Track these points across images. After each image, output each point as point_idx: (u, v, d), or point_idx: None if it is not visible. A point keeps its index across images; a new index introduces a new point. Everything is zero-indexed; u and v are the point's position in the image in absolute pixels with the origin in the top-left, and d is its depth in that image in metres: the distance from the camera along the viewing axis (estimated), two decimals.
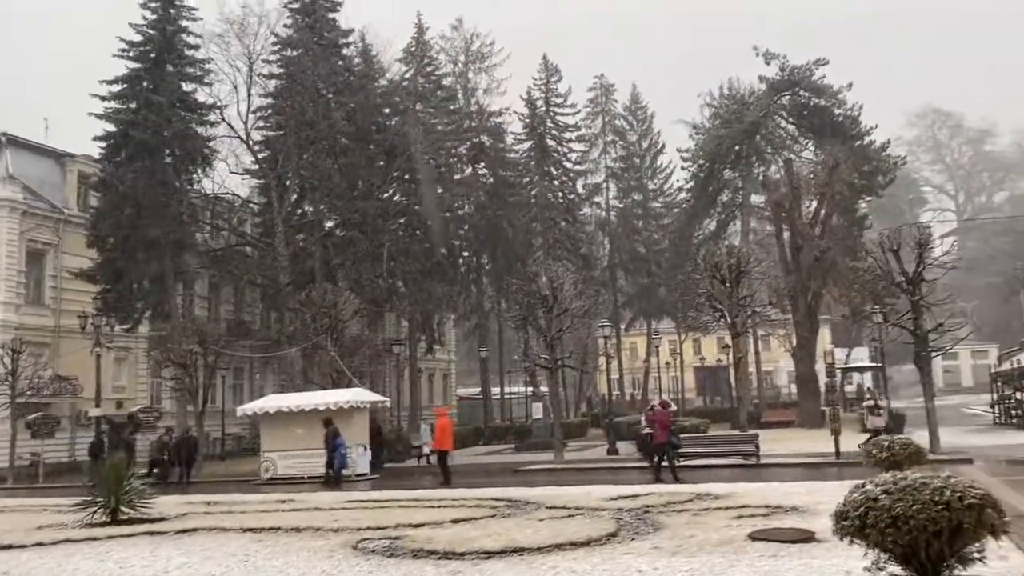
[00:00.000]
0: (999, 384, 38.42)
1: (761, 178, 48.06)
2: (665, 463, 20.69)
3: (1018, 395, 34.58)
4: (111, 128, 37.78)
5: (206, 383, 33.19)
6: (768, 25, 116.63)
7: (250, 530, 12.63)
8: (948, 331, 25.87)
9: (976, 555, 6.39)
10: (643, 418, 25.52)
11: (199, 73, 39.88)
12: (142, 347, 40.77)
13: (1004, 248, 77.86)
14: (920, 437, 20.06)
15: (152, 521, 14.18)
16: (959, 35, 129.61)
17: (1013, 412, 34.73)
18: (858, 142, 44.90)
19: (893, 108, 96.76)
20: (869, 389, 21.48)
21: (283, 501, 17.71)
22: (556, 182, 57.08)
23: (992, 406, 39.24)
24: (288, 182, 41.22)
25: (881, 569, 6.65)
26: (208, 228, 42.38)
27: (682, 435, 25.15)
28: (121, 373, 40.15)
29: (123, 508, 14.44)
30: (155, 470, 28.35)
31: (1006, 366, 38.28)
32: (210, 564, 10.10)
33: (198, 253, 40.14)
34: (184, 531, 12.92)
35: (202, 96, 39.99)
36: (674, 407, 22.20)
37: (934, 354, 25.24)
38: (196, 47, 39.70)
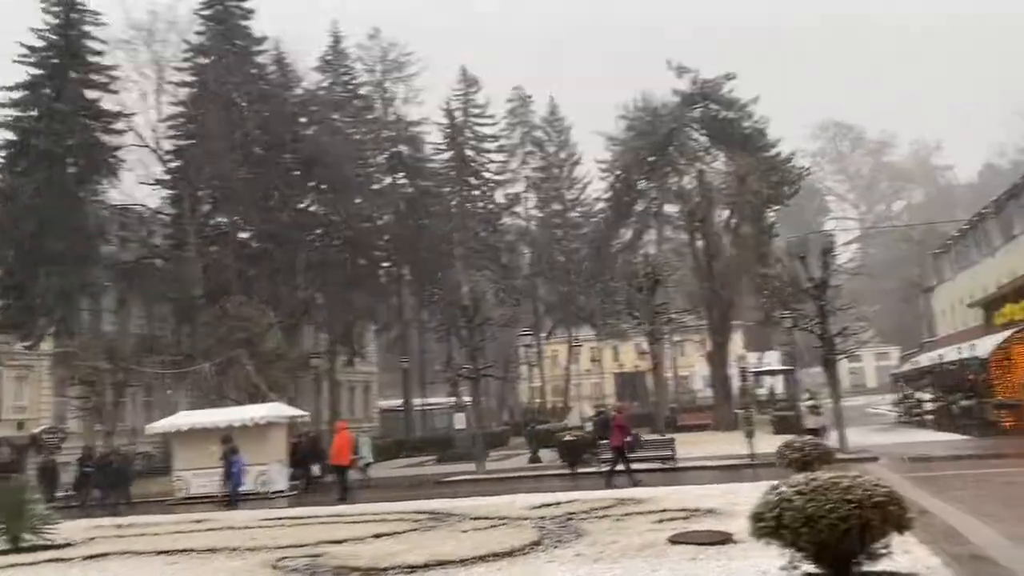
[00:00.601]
0: (901, 384, 40.20)
1: (675, 188, 49.19)
2: (620, 467, 20.66)
3: (918, 395, 36.25)
4: (11, 136, 36.18)
5: (115, 401, 31.99)
6: (681, 40, 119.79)
7: (164, 553, 12.21)
8: (853, 335, 27.00)
9: (883, 550, 6.68)
10: (590, 424, 26.00)
11: (105, 80, 38.54)
12: (45, 364, 38.94)
13: (903, 255, 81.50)
14: (829, 437, 20.87)
15: (58, 547, 13.54)
16: (860, 50, 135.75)
17: (914, 411, 36.38)
18: (765, 153, 46.46)
19: (797, 121, 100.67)
20: (808, 389, 22.12)
21: (198, 521, 17.19)
22: (476, 192, 57.21)
23: (895, 405, 41.02)
24: (200, 192, 40.13)
25: (796, 568, 6.88)
26: (116, 240, 40.88)
27: (601, 440, 25.55)
28: (23, 392, 38.24)
29: (25, 535, 13.75)
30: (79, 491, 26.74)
31: (907, 367, 40.10)
32: None
33: (105, 266, 38.66)
34: (93, 556, 12.38)
35: (109, 104, 38.74)
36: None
37: (840, 357, 26.26)
38: (101, 53, 38.43)
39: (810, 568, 6.91)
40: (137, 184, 40.95)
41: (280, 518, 16.79)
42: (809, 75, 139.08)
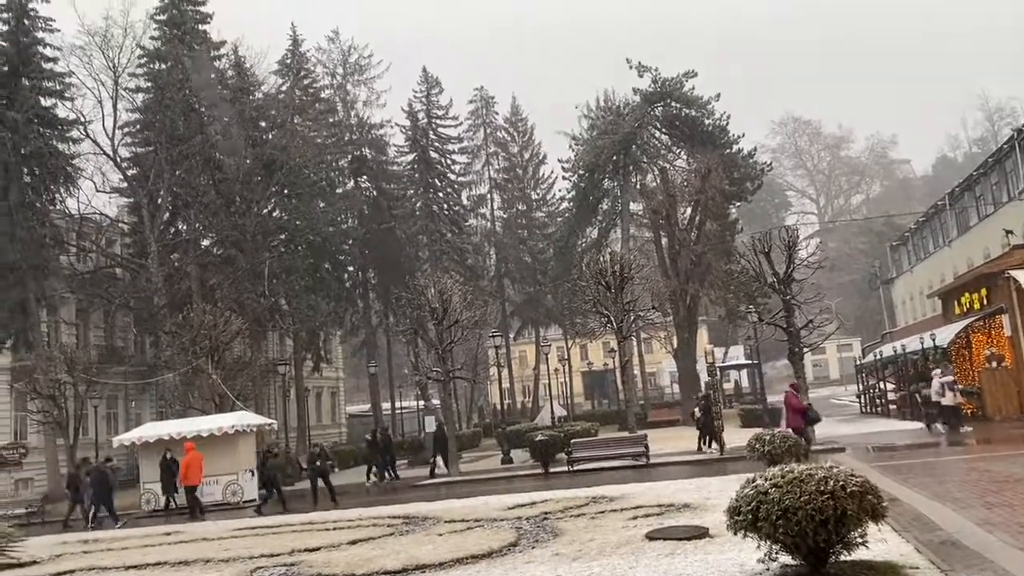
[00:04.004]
0: (864, 375, 40.88)
1: (639, 186, 49.54)
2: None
3: (881, 385, 36.88)
4: None
5: (77, 414, 31.33)
6: (640, 38, 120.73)
7: (133, 567, 12.01)
8: (817, 327, 27.38)
9: (859, 539, 6.78)
10: (696, 409, 26.78)
11: (59, 87, 37.72)
12: (3, 379, 38.01)
13: (862, 248, 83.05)
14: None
15: (23, 566, 13.27)
16: (818, 47, 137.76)
17: (877, 401, 37.00)
18: (727, 150, 47.02)
19: (757, 117, 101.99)
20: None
21: (168, 534, 16.92)
22: (440, 194, 57.12)
23: (858, 396, 41.69)
24: (160, 200, 39.44)
25: (774, 559, 6.97)
26: (74, 250, 40.07)
27: (574, 440, 25.65)
28: None
29: None
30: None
31: (869, 358, 40.75)
32: None
33: (63, 277, 37.84)
34: (60, 574, 12.13)
35: (63, 112, 37.92)
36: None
37: (806, 350, 26.60)
38: (55, 60, 37.61)
39: (787, 560, 7.00)
40: (95, 193, 40.19)
41: (253, 527, 16.58)
42: (767, 72, 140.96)
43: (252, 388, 37.27)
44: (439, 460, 28.00)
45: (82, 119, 37.95)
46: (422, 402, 45.36)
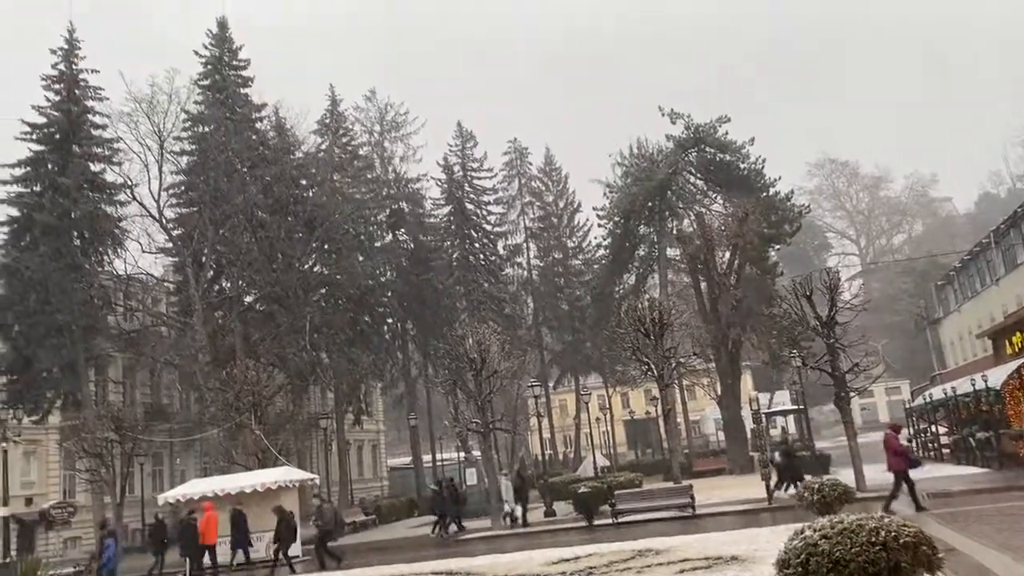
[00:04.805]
0: (914, 419, 39.80)
1: (675, 232, 49.37)
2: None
3: (933, 429, 35.86)
4: (14, 212, 36.54)
5: (123, 472, 31.71)
6: (670, 86, 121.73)
7: None
8: (863, 371, 26.79)
9: None
10: (776, 454, 26.19)
11: (107, 153, 39.10)
12: (53, 438, 38.71)
13: (906, 288, 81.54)
14: (846, 476, 20.58)
15: None
16: (851, 85, 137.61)
17: (930, 445, 35.95)
18: (764, 193, 46.72)
19: (794, 159, 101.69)
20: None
21: None
22: (477, 244, 57.58)
23: (909, 441, 40.52)
24: (204, 258, 40.34)
25: None
26: (121, 310, 41.00)
27: (617, 491, 25.23)
28: (30, 468, 37.93)
29: None
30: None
31: (919, 401, 39.71)
32: None
33: (111, 336, 38.73)
34: None
35: (111, 176, 39.25)
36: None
37: (852, 394, 26.02)
38: (103, 127, 39.06)
39: None
40: (141, 253, 41.21)
41: None
42: (802, 110, 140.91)
43: (294, 443, 37.45)
44: (518, 509, 27.26)
45: (129, 183, 39.18)
46: (463, 454, 45.10)
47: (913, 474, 18.65)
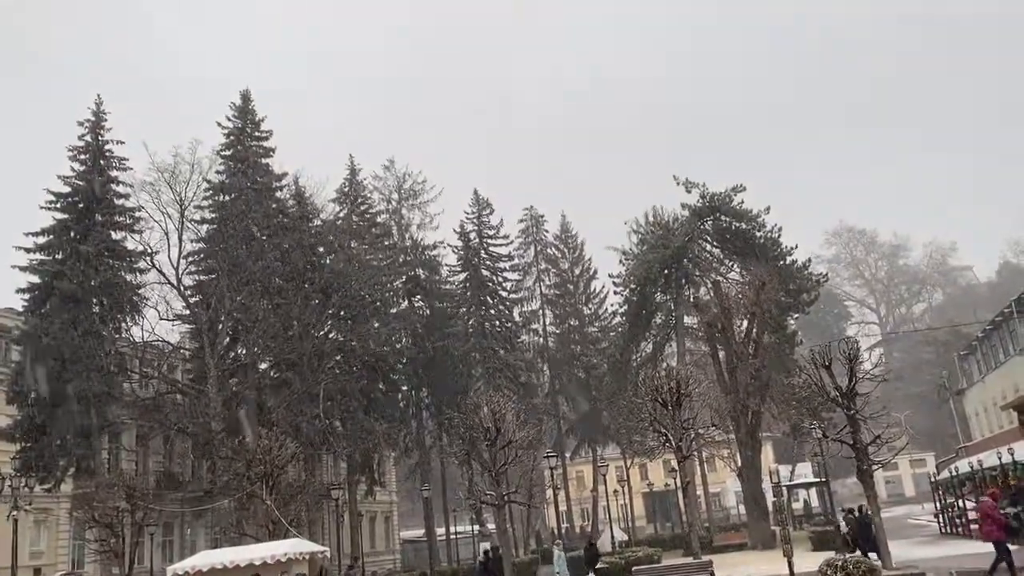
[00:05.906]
0: (941, 493, 38.72)
1: (692, 300, 49.12)
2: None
3: (960, 503, 34.82)
4: (35, 280, 36.97)
5: (133, 542, 31.22)
6: (686, 154, 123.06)
7: None
8: (886, 443, 26.13)
9: None
10: (843, 523, 25.45)
11: (128, 221, 39.67)
12: (64, 507, 38.33)
13: (927, 358, 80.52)
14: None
15: None
16: (866, 153, 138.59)
17: (958, 520, 34.86)
18: (781, 262, 46.53)
19: (811, 227, 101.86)
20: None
21: None
22: (493, 311, 57.49)
23: (936, 516, 39.36)
24: (220, 325, 40.47)
25: None
26: (137, 377, 41.00)
27: (635, 567, 24.52)
28: (40, 537, 37.49)
29: None
30: None
31: (945, 474, 38.68)
32: None
33: (126, 403, 38.63)
34: None
35: (131, 244, 39.71)
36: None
37: (875, 467, 25.34)
38: (126, 196, 39.68)
39: None
40: (158, 320, 41.39)
41: None
42: (818, 181, 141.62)
43: (306, 513, 36.82)
44: None
45: (149, 250, 39.65)
46: (476, 527, 44.25)
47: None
